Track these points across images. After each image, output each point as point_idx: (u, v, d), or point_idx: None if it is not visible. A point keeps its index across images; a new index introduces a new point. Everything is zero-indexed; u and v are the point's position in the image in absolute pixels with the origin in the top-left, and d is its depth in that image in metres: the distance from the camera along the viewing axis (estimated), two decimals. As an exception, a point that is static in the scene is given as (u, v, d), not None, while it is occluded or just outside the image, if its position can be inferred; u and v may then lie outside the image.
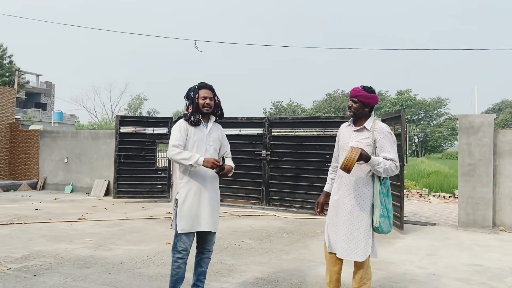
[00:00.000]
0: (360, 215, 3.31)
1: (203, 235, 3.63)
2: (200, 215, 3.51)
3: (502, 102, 66.97)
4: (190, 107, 3.59)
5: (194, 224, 3.50)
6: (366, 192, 3.32)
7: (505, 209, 7.61)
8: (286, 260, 5.29)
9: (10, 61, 35.54)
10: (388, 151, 3.29)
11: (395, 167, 3.26)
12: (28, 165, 13.57)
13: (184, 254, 3.52)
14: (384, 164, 3.20)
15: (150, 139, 11.01)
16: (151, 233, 6.73)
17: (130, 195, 10.81)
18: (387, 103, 62.97)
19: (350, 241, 3.30)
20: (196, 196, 3.51)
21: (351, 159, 3.04)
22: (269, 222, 8.03)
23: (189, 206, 3.49)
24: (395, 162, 3.27)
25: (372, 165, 3.20)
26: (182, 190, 3.53)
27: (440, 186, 13.98)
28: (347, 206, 3.35)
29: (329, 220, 3.49)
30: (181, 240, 3.50)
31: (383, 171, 3.21)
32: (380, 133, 3.33)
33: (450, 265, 5.23)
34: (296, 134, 9.78)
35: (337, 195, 3.44)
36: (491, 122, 7.69)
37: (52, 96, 53.94)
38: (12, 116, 14.26)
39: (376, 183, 3.32)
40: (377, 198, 3.29)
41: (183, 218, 3.48)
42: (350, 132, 3.45)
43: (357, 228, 3.31)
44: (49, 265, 4.85)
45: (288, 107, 68.60)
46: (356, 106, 3.38)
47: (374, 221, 3.29)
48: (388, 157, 3.26)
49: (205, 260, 3.69)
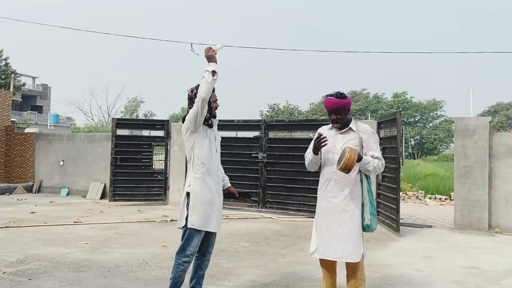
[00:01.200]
0: (353, 214, 3.35)
1: (208, 237, 3.60)
2: (211, 215, 3.51)
3: (497, 105, 67.26)
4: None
5: (204, 222, 3.46)
6: (357, 191, 3.40)
7: (501, 212, 7.64)
8: (283, 263, 5.29)
9: (6, 63, 35.41)
10: (374, 150, 3.44)
11: (382, 165, 3.42)
12: (24, 168, 13.52)
13: (192, 258, 3.50)
14: (373, 163, 3.35)
15: (146, 142, 10.99)
16: (147, 237, 6.71)
17: (127, 198, 10.77)
18: (384, 106, 63.13)
19: (346, 242, 3.30)
20: (209, 195, 3.52)
21: (351, 159, 3.14)
22: (266, 225, 8.02)
23: (203, 204, 3.47)
24: (382, 160, 3.43)
25: (363, 164, 3.33)
26: (195, 185, 3.50)
27: (436, 189, 14.02)
28: (339, 206, 3.37)
29: (321, 224, 3.44)
30: (192, 244, 3.44)
31: (372, 170, 3.36)
32: (365, 133, 3.48)
33: (446, 268, 5.24)
34: (292, 136, 9.79)
35: (328, 198, 3.43)
36: (486, 124, 7.73)
37: (48, 98, 53.79)
38: (8, 119, 14.21)
39: (364, 181, 3.43)
40: (366, 196, 3.39)
41: (195, 213, 3.43)
42: (335, 135, 3.52)
43: (352, 228, 3.33)
44: (44, 268, 4.83)
45: (285, 110, 68.62)
46: (341, 117, 3.47)
47: (365, 219, 3.36)
48: (375, 155, 3.41)
49: (205, 263, 3.69)
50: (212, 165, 3.57)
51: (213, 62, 3.44)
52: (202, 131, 3.57)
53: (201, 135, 3.56)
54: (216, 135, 3.76)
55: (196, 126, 3.51)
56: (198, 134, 3.56)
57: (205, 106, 3.43)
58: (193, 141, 3.56)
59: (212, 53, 3.45)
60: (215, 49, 3.50)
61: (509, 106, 65.34)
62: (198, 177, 3.52)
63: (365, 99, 66.55)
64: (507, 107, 65.43)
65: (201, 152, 3.55)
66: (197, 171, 3.53)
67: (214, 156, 3.63)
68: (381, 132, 8.49)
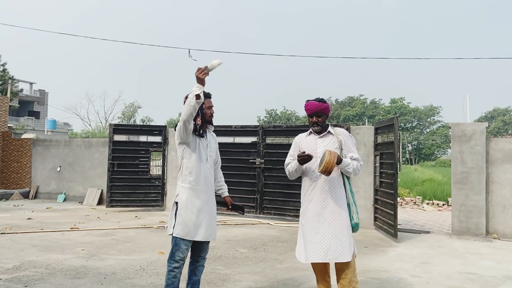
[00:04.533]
0: (340, 215, 3.42)
1: (199, 243, 3.63)
2: (198, 224, 3.51)
3: (494, 110, 67.59)
4: (198, 118, 3.60)
5: (191, 232, 3.48)
6: (341, 192, 3.49)
7: (498, 217, 7.65)
8: (280, 269, 5.27)
9: (4, 69, 35.36)
10: (353, 151, 3.58)
11: (361, 167, 3.55)
12: (20, 174, 13.46)
13: (182, 263, 3.51)
14: (352, 165, 3.46)
15: (143, 148, 10.97)
16: (144, 243, 6.68)
17: (124, 204, 10.73)
18: (381, 111, 63.34)
19: (337, 244, 3.35)
20: (196, 204, 3.52)
21: (331, 162, 3.24)
22: (263, 231, 8.00)
23: (189, 213, 3.49)
24: (360, 162, 3.56)
25: (343, 166, 3.44)
26: (183, 194, 3.54)
27: (434, 194, 14.04)
28: (327, 209, 3.42)
29: (309, 227, 3.46)
30: (179, 250, 3.48)
31: (352, 171, 3.48)
32: (343, 136, 3.61)
33: (443, 273, 5.23)
34: (290, 142, 9.79)
35: (313, 201, 3.48)
36: (483, 130, 7.76)
37: (46, 104, 53.68)
38: (5, 125, 14.17)
39: (346, 183, 3.54)
40: (350, 196, 3.51)
41: (181, 223, 3.47)
42: (314, 140, 3.61)
43: (341, 228, 3.39)
44: (41, 275, 4.80)
45: (282, 115, 68.76)
46: (321, 119, 3.60)
47: (354, 218, 3.46)
48: (354, 156, 3.55)
49: (199, 269, 3.69)
50: (201, 174, 3.57)
51: (201, 84, 3.31)
52: (191, 142, 3.58)
53: (190, 146, 3.58)
54: (210, 143, 3.72)
55: (182, 140, 3.55)
56: (186, 146, 3.59)
57: (188, 127, 3.43)
58: (182, 151, 3.61)
59: (201, 75, 3.29)
60: (210, 67, 3.31)
61: (505, 112, 65.69)
62: (186, 186, 3.56)
63: (362, 105, 66.79)
64: (504, 112, 65.76)
65: (189, 162, 3.57)
66: (185, 181, 3.57)
67: (204, 165, 3.61)
68: (378, 137, 8.51)
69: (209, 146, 3.71)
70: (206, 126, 3.71)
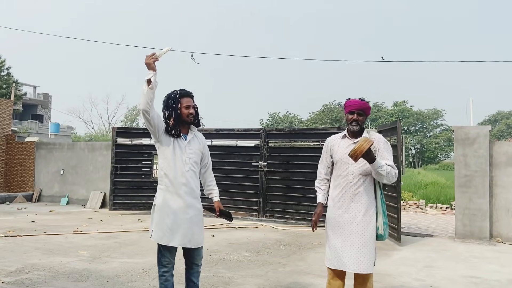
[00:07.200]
0: (368, 225, 3.27)
1: (188, 250, 3.47)
2: (175, 229, 3.31)
3: (497, 114, 67.40)
4: (171, 119, 3.40)
5: (166, 236, 3.31)
6: (371, 201, 3.32)
7: (502, 221, 7.61)
8: (283, 273, 5.26)
9: (8, 73, 35.56)
10: (388, 159, 3.30)
11: (395, 174, 3.25)
12: (24, 177, 13.50)
13: (170, 267, 3.42)
14: (386, 168, 3.19)
15: (146, 151, 10.99)
16: (146, 246, 6.68)
17: (126, 207, 10.74)
18: (384, 114, 63.20)
19: (363, 254, 3.21)
20: (172, 207, 3.33)
21: (361, 147, 3.01)
22: (266, 234, 7.99)
23: (164, 216, 3.33)
24: (395, 169, 3.27)
25: (376, 167, 3.17)
26: (159, 196, 3.40)
27: (437, 197, 13.98)
28: (357, 217, 3.27)
29: (336, 235, 3.32)
30: (163, 255, 3.37)
31: (385, 175, 3.19)
32: (379, 142, 3.34)
33: (447, 277, 5.21)
34: (293, 145, 9.80)
35: (343, 209, 3.33)
36: (486, 133, 7.73)
37: (49, 107, 53.88)
38: (8, 128, 14.23)
39: (377, 190, 3.35)
40: (379, 205, 3.32)
41: (155, 225, 3.36)
42: (348, 145, 3.38)
43: (368, 239, 3.25)
44: (44, 278, 4.80)
45: (285, 118, 68.73)
46: (362, 118, 3.36)
47: (379, 229, 3.28)
48: (388, 163, 3.25)
49: (195, 275, 3.54)
50: (178, 177, 3.35)
51: (151, 70, 3.23)
52: (164, 142, 3.39)
53: (162, 145, 3.40)
54: (190, 144, 3.46)
55: (154, 137, 3.41)
56: (159, 144, 3.42)
57: (148, 117, 3.26)
58: (158, 150, 3.47)
59: (149, 61, 3.23)
60: (158, 54, 3.26)
61: (509, 115, 65.48)
62: (162, 188, 3.40)
63: (365, 108, 66.57)
64: (507, 116, 65.57)
65: (163, 163, 3.41)
66: (161, 183, 3.42)
67: (182, 167, 3.37)
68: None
69: (189, 147, 3.44)
70: (184, 126, 3.46)
